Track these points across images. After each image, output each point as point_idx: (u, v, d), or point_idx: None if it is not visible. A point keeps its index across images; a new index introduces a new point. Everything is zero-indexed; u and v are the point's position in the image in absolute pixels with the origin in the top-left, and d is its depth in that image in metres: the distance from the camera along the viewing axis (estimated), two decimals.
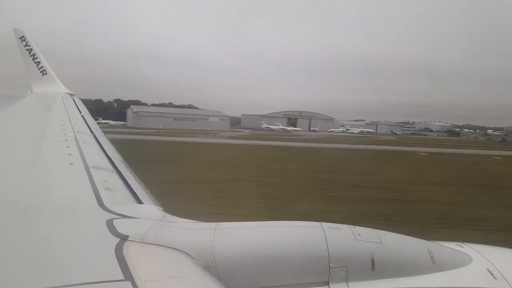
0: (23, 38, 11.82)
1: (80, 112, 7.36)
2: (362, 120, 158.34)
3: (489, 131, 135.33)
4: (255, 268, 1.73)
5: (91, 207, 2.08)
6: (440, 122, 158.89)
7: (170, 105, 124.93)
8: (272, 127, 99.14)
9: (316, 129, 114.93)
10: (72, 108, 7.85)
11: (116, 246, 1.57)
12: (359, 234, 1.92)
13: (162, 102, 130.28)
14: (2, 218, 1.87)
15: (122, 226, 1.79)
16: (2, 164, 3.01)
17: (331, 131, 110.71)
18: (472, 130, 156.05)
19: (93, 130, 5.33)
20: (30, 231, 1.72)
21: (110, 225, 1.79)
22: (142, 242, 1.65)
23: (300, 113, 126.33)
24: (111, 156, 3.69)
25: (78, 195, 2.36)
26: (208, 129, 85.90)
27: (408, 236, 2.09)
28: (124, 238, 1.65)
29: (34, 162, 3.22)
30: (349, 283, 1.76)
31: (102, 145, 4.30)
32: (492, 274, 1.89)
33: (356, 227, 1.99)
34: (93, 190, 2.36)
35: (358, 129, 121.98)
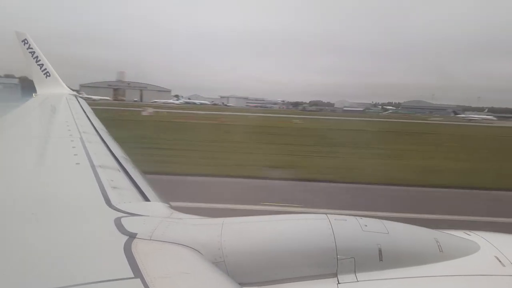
0: (26, 41, 11.86)
1: (85, 112, 7.41)
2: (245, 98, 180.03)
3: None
4: (263, 261, 1.75)
5: (99, 206, 2.11)
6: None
7: None
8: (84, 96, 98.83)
9: (136, 99, 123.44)
10: (76, 109, 7.90)
11: (125, 244, 1.58)
12: (366, 225, 1.92)
13: None
14: (12, 218, 1.91)
15: (130, 224, 1.81)
16: (9, 167, 3.05)
17: (154, 101, 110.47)
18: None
19: (98, 129, 5.36)
20: (40, 231, 1.75)
21: (118, 223, 1.81)
22: (150, 240, 1.67)
23: (129, 84, 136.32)
24: (116, 155, 3.72)
25: (85, 194, 2.38)
26: None
27: (415, 226, 2.09)
28: (132, 236, 1.67)
29: (41, 163, 3.25)
30: (357, 274, 1.76)
31: (108, 144, 4.33)
32: (500, 261, 1.88)
33: (363, 218, 1.99)
34: (100, 189, 2.38)
35: (199, 101, 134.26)
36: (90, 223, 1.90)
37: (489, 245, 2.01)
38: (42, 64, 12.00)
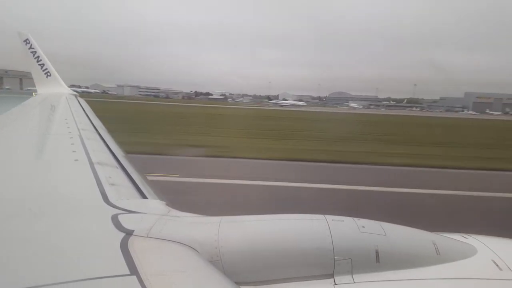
0: (27, 41, 11.94)
1: (84, 111, 7.43)
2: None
3: None
4: (260, 261, 1.74)
5: (96, 203, 2.10)
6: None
7: None
8: None
9: (8, 87, 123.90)
10: (76, 107, 7.93)
11: (121, 241, 1.58)
12: (363, 227, 1.92)
13: None
14: (8, 214, 1.90)
15: (127, 221, 1.80)
16: (7, 162, 3.05)
17: (28, 89, 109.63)
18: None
19: (97, 127, 5.37)
20: (36, 227, 1.74)
21: (115, 220, 1.80)
22: (147, 237, 1.66)
23: (6, 72, 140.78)
24: (115, 152, 3.72)
25: (83, 191, 2.38)
26: None
27: (413, 228, 2.09)
28: (129, 233, 1.66)
29: (39, 159, 3.25)
30: (354, 275, 1.76)
31: (106, 141, 4.34)
32: (497, 265, 1.88)
33: (360, 219, 1.99)
34: (98, 186, 2.38)
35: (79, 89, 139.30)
36: (87, 220, 1.90)
37: (486, 248, 2.01)
38: (43, 64, 12.06)
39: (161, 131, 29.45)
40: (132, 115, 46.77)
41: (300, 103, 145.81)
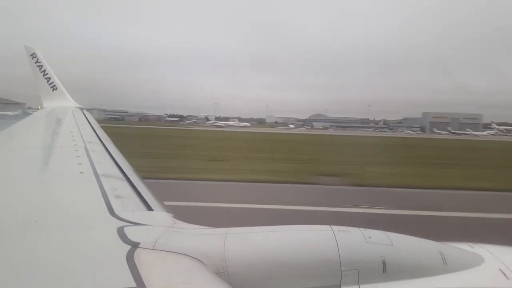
0: (34, 55, 12.14)
1: (90, 124, 7.49)
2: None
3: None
4: (267, 272, 1.73)
5: (102, 215, 2.11)
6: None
7: None
8: None
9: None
10: (82, 120, 7.99)
11: (127, 253, 1.58)
12: (370, 237, 1.91)
13: None
14: (14, 227, 1.91)
15: (133, 233, 1.81)
16: (13, 175, 3.08)
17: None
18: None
19: (102, 140, 5.40)
20: (42, 240, 1.75)
21: (121, 232, 1.81)
22: (153, 249, 1.66)
23: None
24: (120, 164, 3.74)
25: (88, 203, 2.39)
26: None
27: (419, 238, 2.08)
28: (135, 245, 1.67)
29: (45, 171, 3.28)
30: (360, 286, 1.75)
31: (112, 154, 4.36)
32: (504, 274, 1.86)
33: (367, 230, 1.99)
34: (104, 198, 2.39)
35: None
36: (93, 232, 1.91)
37: (493, 257, 1.99)
38: (49, 78, 12.22)
39: None
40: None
41: (243, 124, 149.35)
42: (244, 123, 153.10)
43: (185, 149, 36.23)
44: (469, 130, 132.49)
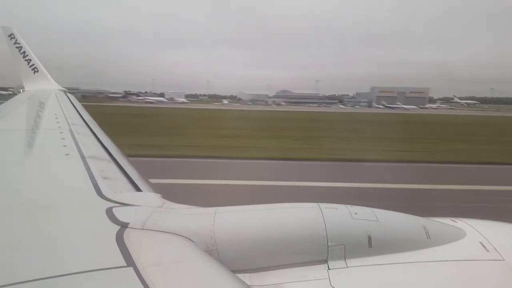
0: (12, 36, 11.61)
1: (74, 106, 7.32)
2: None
3: None
4: (255, 249, 1.77)
5: (90, 197, 2.09)
6: None
7: None
8: None
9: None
10: (65, 102, 7.80)
11: (117, 233, 1.58)
12: (356, 213, 1.96)
13: None
14: (0, 210, 1.89)
15: (121, 214, 1.80)
16: None
17: None
18: None
19: (87, 122, 5.30)
20: (30, 222, 1.73)
21: (109, 213, 1.80)
22: (142, 229, 1.67)
23: None
24: (107, 146, 3.69)
25: (76, 185, 2.36)
26: None
27: (404, 213, 2.14)
28: (124, 225, 1.67)
29: (29, 154, 3.21)
30: (347, 260, 1.80)
31: (98, 136, 4.29)
32: (484, 246, 1.94)
33: (353, 206, 2.03)
34: (91, 180, 2.37)
35: None
36: (81, 213, 1.89)
37: (474, 231, 2.07)
38: (30, 60, 11.76)
39: None
40: None
41: (180, 100, 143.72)
42: (182, 99, 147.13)
43: None
44: (399, 104, 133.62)
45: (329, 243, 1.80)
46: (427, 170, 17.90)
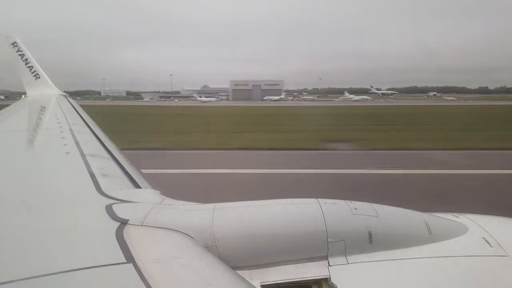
0: (15, 44, 11.78)
1: (75, 109, 7.41)
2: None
3: None
4: (255, 245, 1.76)
5: (90, 193, 2.10)
6: None
7: None
8: None
9: None
10: (66, 105, 7.90)
11: (117, 230, 1.58)
12: (356, 209, 1.94)
13: None
14: (1, 207, 1.89)
15: (121, 210, 1.80)
16: None
17: None
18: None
19: (87, 122, 5.36)
20: (31, 220, 1.73)
21: (109, 210, 1.80)
22: (142, 225, 1.67)
23: None
24: (106, 145, 3.71)
25: (76, 182, 2.37)
26: None
27: (405, 209, 2.12)
28: (124, 222, 1.67)
29: (30, 153, 3.24)
30: (347, 256, 1.78)
31: (97, 135, 4.33)
32: (488, 242, 1.91)
33: (353, 202, 2.01)
34: (91, 177, 2.38)
35: None
36: (81, 210, 1.90)
37: (476, 226, 2.05)
38: (32, 66, 11.88)
39: None
40: None
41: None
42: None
43: None
44: (218, 96, 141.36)
45: (329, 239, 1.79)
46: None
